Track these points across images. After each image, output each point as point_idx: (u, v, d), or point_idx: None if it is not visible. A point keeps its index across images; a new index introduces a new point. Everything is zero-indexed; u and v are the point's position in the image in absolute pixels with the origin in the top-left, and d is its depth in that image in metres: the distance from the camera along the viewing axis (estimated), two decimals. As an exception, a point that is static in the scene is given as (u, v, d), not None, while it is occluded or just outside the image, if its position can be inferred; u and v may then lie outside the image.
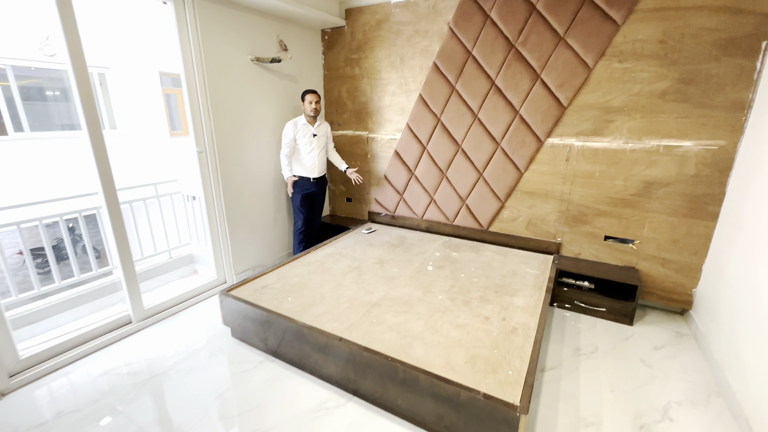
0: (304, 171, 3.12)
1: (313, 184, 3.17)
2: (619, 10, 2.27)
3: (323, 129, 3.18)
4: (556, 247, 2.83)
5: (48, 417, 1.72)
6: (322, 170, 3.21)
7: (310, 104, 2.96)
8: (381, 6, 3.11)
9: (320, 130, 3.12)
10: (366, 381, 1.71)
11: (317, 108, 2.99)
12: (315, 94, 2.98)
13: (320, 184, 3.25)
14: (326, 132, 3.23)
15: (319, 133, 3.10)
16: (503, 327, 1.88)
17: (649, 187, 2.43)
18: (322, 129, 3.15)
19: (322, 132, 3.15)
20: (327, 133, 3.24)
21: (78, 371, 2.02)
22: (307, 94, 2.97)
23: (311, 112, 2.97)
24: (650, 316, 2.57)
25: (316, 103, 2.97)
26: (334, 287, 2.31)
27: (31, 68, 5.48)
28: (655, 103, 2.31)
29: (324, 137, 3.18)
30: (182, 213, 3.48)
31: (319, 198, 3.30)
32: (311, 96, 2.96)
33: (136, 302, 2.37)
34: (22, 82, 5.54)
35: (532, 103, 2.66)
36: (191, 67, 2.49)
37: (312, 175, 3.14)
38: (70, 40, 1.88)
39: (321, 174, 3.22)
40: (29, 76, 5.66)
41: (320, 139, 3.13)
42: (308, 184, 3.15)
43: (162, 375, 2.00)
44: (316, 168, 3.14)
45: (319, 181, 3.21)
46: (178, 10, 2.36)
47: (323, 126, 3.19)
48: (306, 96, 2.97)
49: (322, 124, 3.16)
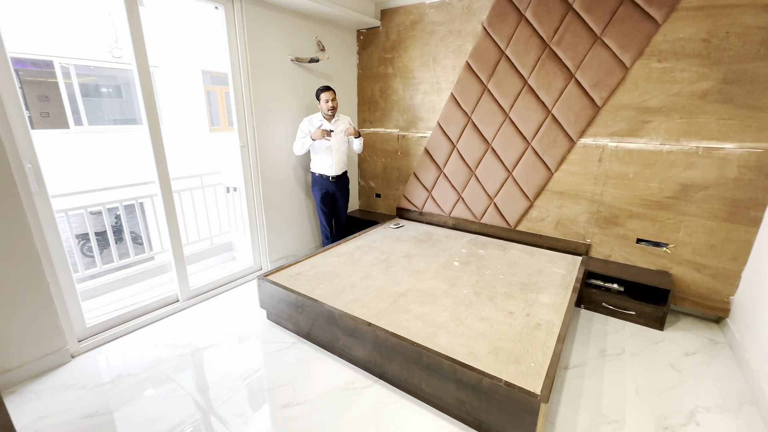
0: (322, 169, 3.05)
1: (332, 183, 3.10)
2: (660, 8, 2.22)
3: (342, 125, 3.02)
4: (585, 248, 2.81)
5: (109, 378, 1.94)
6: (341, 168, 3.10)
7: (327, 103, 2.83)
8: (416, 6, 3.19)
9: (338, 126, 2.98)
10: (392, 365, 1.81)
11: (334, 106, 2.87)
12: (330, 92, 2.84)
13: (340, 183, 3.15)
14: (345, 128, 3.05)
15: (336, 129, 2.97)
16: (527, 322, 1.92)
17: (686, 189, 2.37)
18: (340, 125, 3.00)
19: (340, 128, 3.00)
20: (346, 129, 3.06)
21: (133, 341, 2.26)
22: (323, 92, 2.82)
23: (328, 111, 2.87)
24: (683, 322, 2.51)
25: (332, 100, 2.84)
26: (363, 277, 2.43)
27: (90, 67, 5.98)
28: (695, 104, 2.25)
29: (342, 134, 3.03)
30: (223, 203, 3.72)
31: (340, 197, 3.21)
32: (327, 94, 2.82)
33: (183, 283, 2.59)
34: (82, 80, 6.05)
35: (565, 102, 2.65)
36: (237, 67, 2.68)
37: (330, 173, 3.05)
38: (136, 44, 2.10)
39: (341, 172, 3.11)
40: (88, 74, 6.17)
41: (338, 136, 2.98)
42: (327, 183, 3.09)
43: (204, 350, 2.19)
44: (334, 166, 3.03)
45: (338, 180, 3.12)
46: (228, 14, 2.55)
47: (342, 122, 3.02)
48: (321, 94, 2.83)
49: (340, 120, 3.02)
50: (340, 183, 3.18)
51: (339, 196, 3.22)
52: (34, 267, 1.87)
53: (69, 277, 2.07)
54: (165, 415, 1.70)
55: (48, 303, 1.94)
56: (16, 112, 1.77)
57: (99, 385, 1.89)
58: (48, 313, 1.95)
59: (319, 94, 2.89)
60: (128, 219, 5.81)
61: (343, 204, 3.29)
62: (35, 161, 1.87)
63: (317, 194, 3.16)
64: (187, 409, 1.73)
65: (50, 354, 1.97)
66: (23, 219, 1.80)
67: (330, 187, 3.13)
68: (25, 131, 1.81)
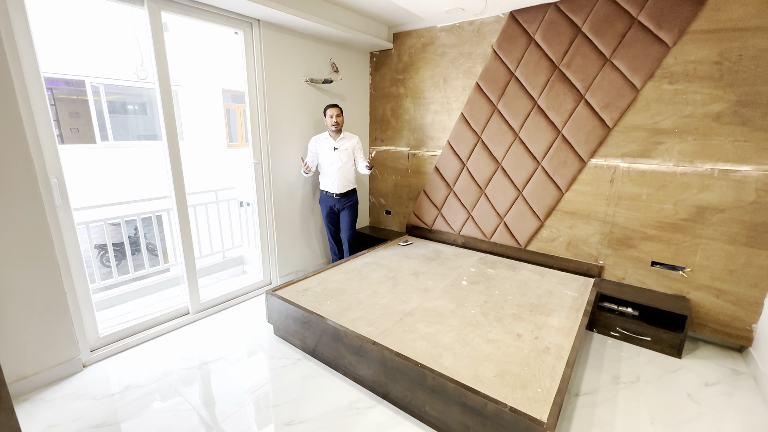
0: (326, 186, 3.11)
1: (336, 201, 3.12)
2: (670, 31, 2.23)
3: (347, 143, 3.07)
4: (597, 270, 2.75)
5: (118, 389, 1.98)
6: (345, 186, 3.12)
7: (331, 118, 2.96)
8: (427, 30, 3.28)
9: (342, 144, 3.05)
10: (396, 385, 1.79)
11: (338, 122, 2.98)
12: (335, 108, 2.97)
13: (345, 201, 3.16)
14: (351, 146, 3.09)
15: (340, 147, 3.04)
16: (535, 345, 1.88)
17: (702, 212, 2.31)
18: (345, 143, 3.06)
19: (345, 146, 3.06)
20: (353, 148, 3.11)
21: (143, 352, 2.29)
22: (328, 108, 2.97)
23: (332, 126, 2.98)
24: (703, 350, 2.40)
25: (337, 116, 2.96)
26: (370, 294, 2.43)
27: (118, 86, 6.31)
28: (709, 126, 2.22)
29: (347, 152, 3.07)
30: (236, 217, 3.80)
31: (345, 215, 3.20)
32: (331, 110, 2.96)
33: (194, 295, 2.64)
34: (110, 97, 6.37)
35: (575, 123, 2.65)
36: (254, 87, 2.79)
37: (334, 190, 3.09)
38: (160, 67, 2.22)
39: (345, 190, 3.12)
40: (116, 92, 6.51)
41: (342, 154, 3.04)
42: (332, 200, 3.13)
43: (212, 363, 2.21)
44: (337, 183, 3.06)
45: (343, 197, 3.14)
46: (247, 38, 2.68)
47: (348, 140, 3.08)
48: (327, 110, 2.98)
49: (346, 138, 3.08)
50: (345, 201, 3.17)
51: (344, 214, 3.21)
52: (53, 277, 1.94)
53: (86, 287, 2.14)
54: (170, 428, 1.71)
55: (64, 312, 2.01)
56: (46, 130, 1.89)
57: (108, 396, 1.92)
58: (64, 322, 2.01)
59: (325, 111, 3.01)
60: (145, 231, 5.98)
61: (347, 222, 3.23)
62: (61, 176, 1.97)
63: (323, 211, 3.24)
64: (192, 424, 1.74)
65: (63, 363, 2.03)
66: (46, 231, 1.89)
67: (335, 205, 3.16)
68: (53, 148, 1.92)
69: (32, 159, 1.81)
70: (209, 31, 5.73)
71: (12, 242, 1.79)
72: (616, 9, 2.39)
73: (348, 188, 3.15)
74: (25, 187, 1.80)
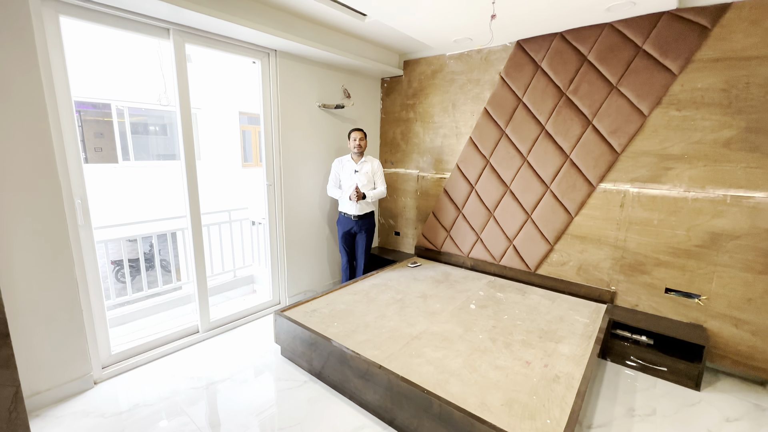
0: (345, 208, 3.18)
1: (354, 223, 3.17)
2: (675, 60, 2.27)
3: (367, 167, 3.17)
4: (610, 295, 2.69)
5: (126, 407, 1.99)
6: (364, 208, 3.17)
7: (354, 141, 3.09)
8: (437, 58, 3.39)
9: (363, 167, 3.15)
10: (402, 411, 1.76)
11: (361, 145, 3.09)
12: (359, 132, 3.11)
13: (362, 223, 3.20)
14: (371, 170, 3.19)
15: (361, 170, 3.14)
16: (545, 374, 1.84)
17: (716, 238, 2.27)
18: (366, 166, 3.16)
19: (365, 169, 3.16)
20: (373, 171, 3.20)
21: (152, 370, 2.32)
22: (353, 132, 3.12)
23: (355, 148, 3.10)
24: (724, 383, 2.30)
25: (360, 140, 3.09)
26: (377, 317, 2.42)
27: (141, 108, 6.63)
28: (719, 152, 2.21)
29: (367, 175, 3.16)
30: (248, 237, 3.88)
31: (361, 237, 3.25)
32: (355, 134, 3.11)
33: (204, 314, 2.68)
34: (133, 119, 6.68)
35: (583, 148, 2.67)
36: (269, 112, 2.91)
37: (352, 212, 3.14)
38: (181, 94, 2.35)
39: (363, 212, 3.18)
40: (139, 114, 6.82)
41: (362, 176, 3.13)
42: (349, 222, 3.18)
43: (219, 383, 2.22)
44: (356, 205, 3.11)
45: (361, 219, 3.19)
46: (264, 67, 2.82)
47: (368, 164, 3.19)
48: (351, 134, 3.13)
49: (367, 161, 3.18)
50: (362, 223, 3.21)
51: (360, 236, 3.25)
52: (71, 295, 2.01)
53: (101, 305, 2.20)
54: (174, 449, 1.71)
55: (80, 329, 2.06)
56: (74, 153, 2.00)
57: (116, 414, 1.94)
58: (79, 339, 2.06)
59: (349, 134, 3.15)
60: (159, 246, 6.12)
61: (363, 245, 3.27)
62: (84, 197, 2.07)
63: (339, 231, 3.28)
64: (196, 445, 1.74)
65: (75, 379, 2.06)
66: (67, 249, 1.97)
67: (352, 227, 3.20)
68: (79, 170, 2.03)
69: (59, 181, 1.91)
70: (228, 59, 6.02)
71: (35, 260, 1.87)
72: (621, 39, 2.44)
73: (366, 211, 3.20)
74: (51, 208, 1.89)
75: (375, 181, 3.23)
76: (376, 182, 3.24)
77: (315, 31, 2.81)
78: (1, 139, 1.71)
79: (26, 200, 1.81)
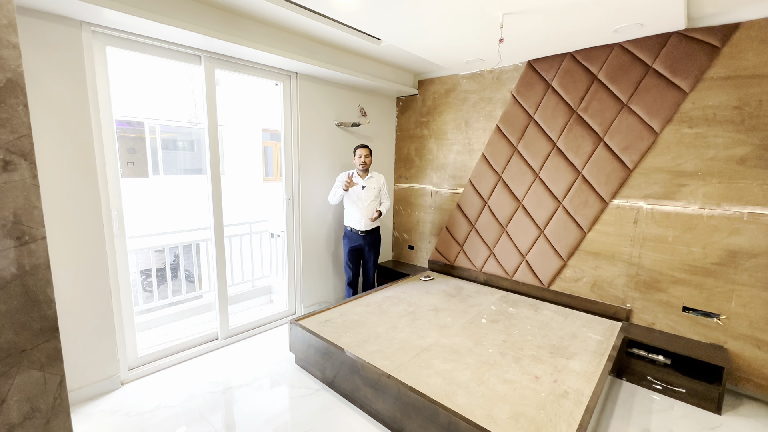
0: (352, 222, 3.18)
1: (361, 238, 3.18)
2: (685, 78, 2.29)
3: (374, 182, 3.18)
4: (625, 313, 2.65)
5: (149, 408, 2.11)
6: (371, 223, 3.18)
7: (360, 158, 3.09)
8: (450, 77, 3.51)
9: (370, 183, 3.15)
10: (411, 422, 1.80)
11: (366, 162, 3.10)
12: (365, 149, 3.11)
13: (369, 238, 3.22)
14: (378, 185, 3.21)
15: (368, 186, 3.14)
16: (553, 389, 1.84)
17: (734, 256, 2.23)
18: (372, 182, 3.17)
19: (372, 185, 3.16)
20: (379, 186, 3.22)
21: (174, 374, 2.44)
22: (358, 148, 3.10)
23: (360, 165, 3.10)
24: (746, 407, 2.21)
25: (365, 157, 3.09)
26: (388, 328, 2.48)
27: (172, 126, 7.04)
28: (734, 169, 2.20)
29: (374, 190, 3.17)
30: (267, 248, 4.03)
31: (368, 253, 3.27)
32: (360, 150, 3.09)
33: (224, 322, 2.80)
34: (164, 136, 7.09)
35: (594, 164, 2.69)
36: (289, 131, 3.08)
37: (359, 227, 3.16)
38: (210, 114, 2.54)
39: (370, 227, 3.19)
40: (169, 131, 7.24)
41: (369, 192, 3.14)
42: (357, 237, 3.18)
43: (235, 389, 2.31)
44: (363, 220, 3.13)
45: (368, 235, 3.20)
46: (285, 88, 3.00)
47: (375, 179, 3.19)
48: (356, 150, 3.11)
49: (373, 177, 3.19)
50: (369, 238, 3.23)
51: (367, 251, 3.28)
52: (105, 299, 2.17)
53: (130, 309, 2.36)
54: (193, 449, 1.80)
55: (110, 332, 2.21)
56: (113, 168, 2.20)
57: (140, 413, 2.06)
58: (109, 342, 2.21)
59: (354, 150, 3.17)
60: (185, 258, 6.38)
61: (370, 260, 3.31)
62: (120, 208, 2.25)
63: (345, 247, 3.28)
64: (212, 446, 1.82)
65: (105, 379, 2.20)
66: (104, 257, 2.15)
67: (359, 242, 3.22)
68: (116, 182, 2.22)
69: (99, 193, 2.10)
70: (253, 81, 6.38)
71: (75, 266, 2.04)
72: (631, 58, 2.49)
73: (372, 226, 3.24)
74: (91, 218, 2.08)
75: (381, 196, 3.28)
76: (382, 197, 3.28)
77: (333, 55, 2.99)
78: (56, 154, 1.92)
79: (72, 210, 2.00)
